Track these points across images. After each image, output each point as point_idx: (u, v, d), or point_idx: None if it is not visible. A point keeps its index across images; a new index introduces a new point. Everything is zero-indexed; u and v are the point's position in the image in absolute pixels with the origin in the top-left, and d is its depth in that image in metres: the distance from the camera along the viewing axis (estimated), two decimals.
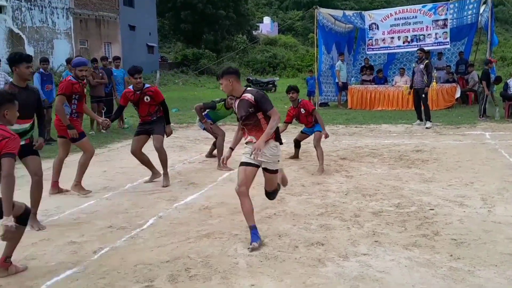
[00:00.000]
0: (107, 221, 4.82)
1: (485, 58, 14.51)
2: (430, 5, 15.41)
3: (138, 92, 6.25)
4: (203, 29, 40.86)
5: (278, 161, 4.31)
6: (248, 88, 4.34)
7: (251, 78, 27.07)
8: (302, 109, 7.29)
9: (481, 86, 12.13)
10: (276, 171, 4.32)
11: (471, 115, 12.23)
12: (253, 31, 50.75)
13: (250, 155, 4.10)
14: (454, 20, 15.39)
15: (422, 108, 11.07)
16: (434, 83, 14.58)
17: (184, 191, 5.91)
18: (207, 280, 3.44)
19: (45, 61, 9.85)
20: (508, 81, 12.35)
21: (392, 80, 16.42)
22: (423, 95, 10.96)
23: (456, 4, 15.15)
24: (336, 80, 16.44)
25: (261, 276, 3.47)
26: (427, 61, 11.17)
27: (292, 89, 7.24)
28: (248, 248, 3.97)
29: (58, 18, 26.98)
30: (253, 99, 4.12)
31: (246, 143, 4.30)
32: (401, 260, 3.68)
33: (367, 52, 16.61)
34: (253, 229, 4.12)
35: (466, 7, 15.22)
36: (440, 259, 3.69)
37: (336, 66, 16.36)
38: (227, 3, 41.02)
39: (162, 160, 6.30)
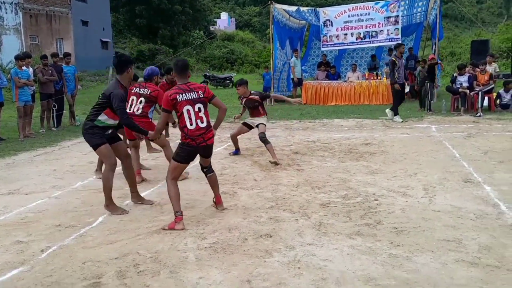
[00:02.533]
0: (55, 220, 4.76)
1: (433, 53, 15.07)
2: (382, 2, 15.83)
3: None
4: (159, 24, 40.36)
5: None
6: (252, 92, 7.50)
7: (208, 74, 26.99)
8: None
9: (426, 81, 12.61)
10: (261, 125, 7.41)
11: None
12: (210, 27, 50.54)
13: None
14: (404, 17, 15.86)
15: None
16: (384, 78, 15.08)
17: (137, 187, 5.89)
18: (155, 274, 3.48)
19: None
20: (454, 74, 12.88)
21: (345, 75, 16.81)
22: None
23: (407, 1, 15.61)
24: (291, 76, 16.68)
25: (209, 269, 3.54)
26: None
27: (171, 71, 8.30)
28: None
29: (6, 13, 26.02)
30: (258, 98, 7.49)
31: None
32: (344, 248, 3.84)
33: (322, 48, 16.93)
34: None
35: (416, 4, 15.72)
36: (380, 246, 3.87)
37: (291, 62, 16.58)
38: None
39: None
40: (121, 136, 6.66)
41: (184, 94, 4.52)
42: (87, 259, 3.78)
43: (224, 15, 60.14)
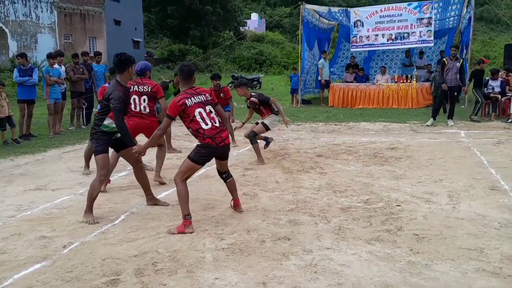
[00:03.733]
0: (79, 217, 4.86)
1: (473, 57, 14.67)
2: (415, 3, 15.54)
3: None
4: (189, 24, 40.82)
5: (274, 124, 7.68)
6: (253, 93, 7.60)
7: (236, 75, 27.09)
8: (221, 94, 8.76)
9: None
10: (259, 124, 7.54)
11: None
12: (240, 28, 50.75)
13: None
14: (437, 21, 15.56)
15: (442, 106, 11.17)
16: (414, 82, 14.83)
17: (159, 187, 5.98)
18: (172, 273, 3.52)
19: (21, 56, 9.84)
20: (487, 78, 12.55)
21: (374, 78, 16.60)
22: (455, 93, 10.99)
23: (440, 4, 15.31)
24: (319, 78, 16.60)
25: (226, 270, 3.56)
26: (461, 60, 11.11)
27: (218, 77, 8.98)
28: None
29: (42, 12, 26.76)
30: (257, 100, 7.50)
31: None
32: (362, 254, 3.80)
33: (351, 49, 16.75)
34: None
35: (450, 7, 15.42)
36: (400, 253, 3.81)
37: (318, 64, 16.50)
38: None
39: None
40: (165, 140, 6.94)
41: (192, 98, 4.49)
42: (107, 256, 3.86)
43: (254, 16, 60.34)
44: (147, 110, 6.09)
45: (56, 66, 10.29)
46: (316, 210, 4.98)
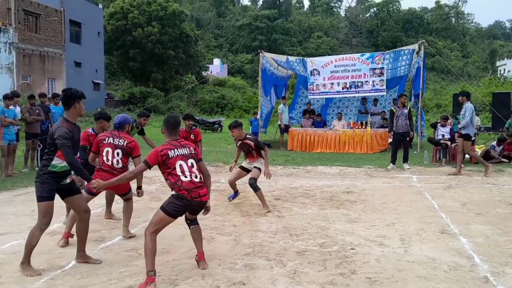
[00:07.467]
0: None
1: (425, 105, 15.39)
2: (367, 54, 16.28)
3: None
4: (151, 68, 41.09)
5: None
6: (248, 136, 7.45)
7: (197, 118, 27.21)
8: (192, 135, 8.73)
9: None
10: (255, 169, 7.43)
11: (401, 159, 12.83)
12: (203, 72, 51.48)
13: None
14: (389, 70, 16.30)
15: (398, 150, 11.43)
16: (369, 128, 15.34)
17: (113, 231, 5.86)
18: None
19: None
20: (437, 121, 13.13)
21: (331, 124, 17.08)
22: (408, 138, 11.38)
23: (392, 55, 16.09)
24: (279, 123, 16.95)
25: None
26: (409, 106, 11.65)
27: (190, 117, 9.05)
28: None
29: (0, 52, 26.33)
30: (253, 144, 7.35)
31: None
32: None
33: (309, 97, 17.24)
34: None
35: (401, 58, 16.20)
36: None
37: (278, 109, 16.86)
38: (176, 43, 41.61)
39: None
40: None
41: (176, 150, 4.38)
42: None
43: (216, 61, 61.48)
44: (120, 164, 5.65)
45: (11, 107, 10.10)
46: (272, 254, 4.99)
